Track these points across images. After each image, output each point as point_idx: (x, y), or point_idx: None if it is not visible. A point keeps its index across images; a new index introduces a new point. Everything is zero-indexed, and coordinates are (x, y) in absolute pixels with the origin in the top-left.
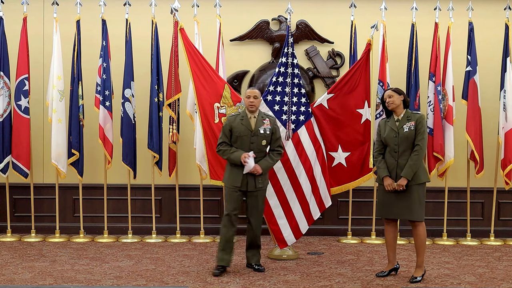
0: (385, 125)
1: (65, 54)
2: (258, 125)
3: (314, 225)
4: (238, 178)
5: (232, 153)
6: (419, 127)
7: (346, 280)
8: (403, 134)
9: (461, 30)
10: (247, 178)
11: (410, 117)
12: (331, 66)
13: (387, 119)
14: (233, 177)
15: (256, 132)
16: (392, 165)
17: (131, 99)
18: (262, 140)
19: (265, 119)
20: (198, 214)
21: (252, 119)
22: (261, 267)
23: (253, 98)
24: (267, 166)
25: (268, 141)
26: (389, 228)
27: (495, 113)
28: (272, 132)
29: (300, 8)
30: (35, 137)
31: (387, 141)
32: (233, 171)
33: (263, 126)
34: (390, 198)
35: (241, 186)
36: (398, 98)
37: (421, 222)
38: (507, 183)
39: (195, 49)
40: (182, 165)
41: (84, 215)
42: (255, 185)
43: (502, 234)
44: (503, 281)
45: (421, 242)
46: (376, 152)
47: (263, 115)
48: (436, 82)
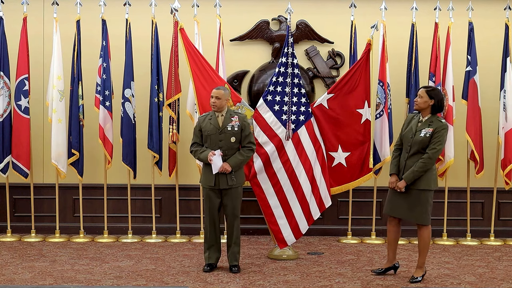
0: (410, 121)
1: (65, 54)
2: (226, 122)
3: (314, 225)
4: (211, 178)
5: (201, 153)
6: (436, 136)
7: (346, 280)
8: (418, 137)
9: (461, 30)
10: (219, 176)
11: (432, 122)
12: (331, 66)
13: (415, 114)
14: (206, 176)
15: (224, 129)
16: (401, 164)
17: (131, 99)
18: (230, 137)
19: (234, 116)
20: (198, 214)
21: (219, 118)
22: (236, 268)
23: (215, 98)
24: (236, 162)
25: (237, 138)
26: (391, 226)
27: (495, 113)
28: (241, 128)
29: (300, 8)
30: (35, 137)
31: (404, 138)
32: (206, 171)
33: (231, 123)
34: (394, 196)
35: (214, 185)
36: (426, 102)
37: (426, 226)
38: (507, 183)
39: (195, 49)
40: (182, 165)
41: (84, 215)
42: (227, 182)
43: (502, 234)
44: (503, 281)
45: (424, 244)
46: (395, 146)
47: (232, 112)
48: (436, 82)
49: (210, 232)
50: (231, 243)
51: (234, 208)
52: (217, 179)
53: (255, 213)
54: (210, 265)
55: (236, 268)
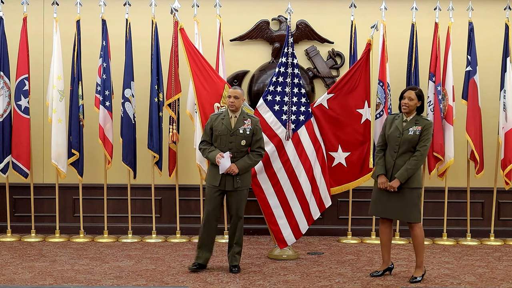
0: (392, 121)
1: (65, 54)
2: (238, 124)
3: (314, 225)
4: (217, 177)
5: (209, 152)
6: (425, 133)
7: (346, 280)
8: (406, 136)
9: (461, 30)
10: (225, 177)
11: (418, 121)
12: (331, 66)
13: (396, 115)
14: (212, 176)
15: (235, 131)
16: (389, 164)
17: (131, 99)
18: (241, 140)
19: (247, 119)
20: (198, 214)
21: (232, 119)
22: (237, 269)
23: (234, 98)
24: (243, 166)
25: (248, 141)
26: (383, 228)
27: (495, 113)
28: (253, 133)
29: (300, 8)
30: (35, 137)
31: (389, 139)
32: (213, 170)
33: (243, 126)
34: (384, 197)
35: (219, 185)
36: (416, 104)
37: (418, 223)
38: (507, 183)
39: (195, 49)
40: (182, 165)
41: (84, 215)
42: (233, 184)
43: (502, 234)
44: (503, 281)
45: (419, 243)
46: (378, 147)
47: (245, 115)
48: (436, 82)
49: (205, 231)
50: (232, 243)
51: (238, 209)
52: (223, 180)
53: (255, 213)
54: (197, 264)
55: (236, 268)
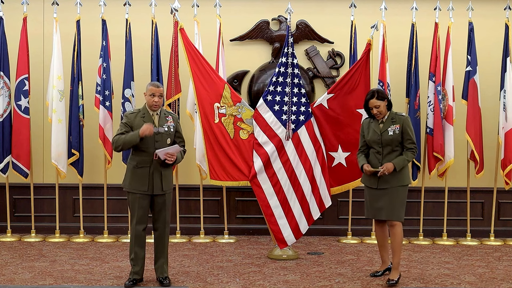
0: (368, 126)
1: (65, 54)
2: (161, 122)
3: (314, 225)
4: (144, 181)
5: (126, 135)
6: (406, 128)
7: (346, 280)
8: (387, 137)
9: (461, 30)
10: (153, 179)
11: (394, 119)
12: (331, 66)
13: (370, 119)
14: (137, 179)
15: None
16: (375, 166)
17: (131, 99)
18: (167, 139)
19: (168, 116)
20: (198, 214)
21: (155, 117)
22: (167, 281)
23: (159, 97)
24: (177, 157)
25: (172, 139)
26: (378, 229)
27: (495, 113)
28: (176, 130)
29: (300, 8)
30: (35, 137)
31: (371, 143)
32: (136, 173)
33: (167, 123)
34: (375, 198)
35: (147, 189)
36: (385, 106)
37: (399, 223)
38: (507, 183)
39: (195, 49)
40: (182, 165)
41: (84, 215)
42: (162, 187)
43: (502, 234)
44: (503, 281)
45: (397, 243)
46: (360, 150)
47: (165, 112)
48: (436, 82)
49: (137, 243)
50: (161, 255)
51: (167, 215)
52: (151, 183)
53: (255, 213)
54: (134, 280)
55: (167, 280)
